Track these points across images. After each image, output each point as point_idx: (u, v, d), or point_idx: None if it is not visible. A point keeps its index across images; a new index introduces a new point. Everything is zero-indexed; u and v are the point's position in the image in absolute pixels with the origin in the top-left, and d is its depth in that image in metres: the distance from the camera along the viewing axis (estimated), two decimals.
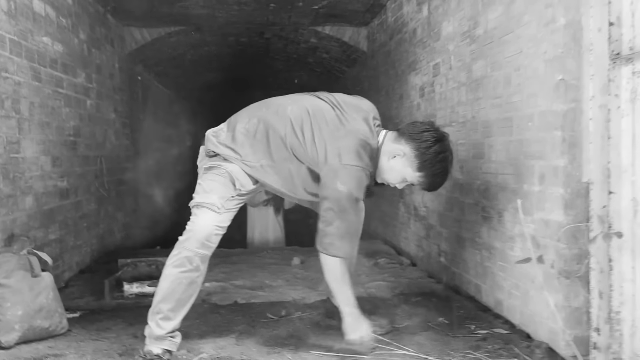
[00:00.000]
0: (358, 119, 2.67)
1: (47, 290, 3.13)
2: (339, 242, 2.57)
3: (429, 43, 4.44)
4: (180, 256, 2.57)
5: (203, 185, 2.69)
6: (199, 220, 2.60)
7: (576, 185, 2.54)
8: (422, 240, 4.76)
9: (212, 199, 2.61)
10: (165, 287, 2.59)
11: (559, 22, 2.55)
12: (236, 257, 5.67)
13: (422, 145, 2.58)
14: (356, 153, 2.56)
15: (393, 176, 2.72)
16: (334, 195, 2.54)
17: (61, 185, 4.35)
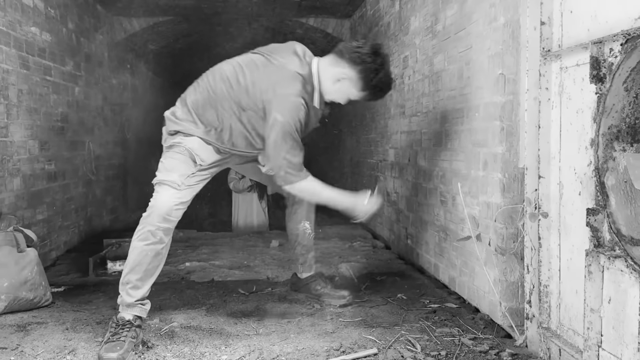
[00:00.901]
0: (287, 55, 2.92)
1: (31, 264, 3.37)
2: (293, 169, 2.81)
3: (399, 37, 4.67)
4: (144, 230, 2.78)
5: (165, 164, 2.87)
6: (160, 197, 2.80)
7: (513, 171, 2.78)
8: (394, 224, 5.01)
9: (172, 177, 2.81)
10: (132, 259, 2.80)
11: (499, 21, 2.77)
12: (219, 239, 5.91)
13: (364, 67, 2.84)
14: (287, 83, 2.81)
15: (339, 97, 3.01)
16: (275, 128, 2.76)
17: (49, 169, 4.58)
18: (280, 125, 2.76)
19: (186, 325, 3.05)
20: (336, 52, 2.94)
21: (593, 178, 2.14)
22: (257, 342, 2.78)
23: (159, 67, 9.29)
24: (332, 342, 2.75)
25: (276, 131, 2.77)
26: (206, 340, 2.81)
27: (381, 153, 5.47)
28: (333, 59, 2.94)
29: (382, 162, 5.44)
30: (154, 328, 3.00)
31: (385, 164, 5.28)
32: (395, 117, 4.87)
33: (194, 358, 2.59)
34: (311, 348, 2.68)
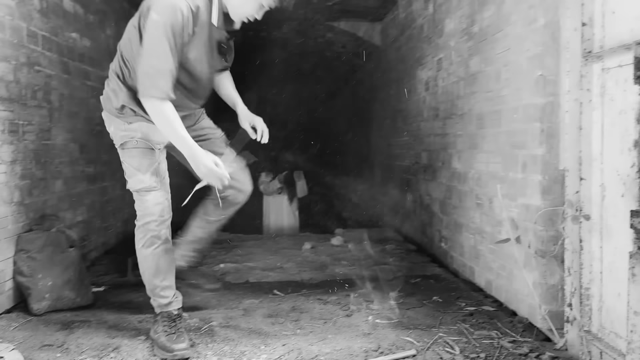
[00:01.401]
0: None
1: (74, 264, 3.46)
2: (155, 80, 2.52)
3: (433, 39, 4.66)
4: (147, 237, 2.80)
5: (130, 167, 2.79)
6: (147, 205, 2.79)
7: (553, 173, 2.76)
8: (427, 227, 5.00)
9: (145, 181, 2.77)
10: (149, 266, 2.83)
11: (539, 22, 2.76)
12: (252, 242, 5.97)
13: None
14: None
15: (250, 8, 2.68)
16: (149, 28, 2.49)
17: (88, 171, 4.69)
18: (155, 24, 2.48)
19: (225, 324, 3.09)
20: None
21: (637, 180, 2.12)
22: (295, 342, 2.81)
23: None
24: (370, 343, 2.76)
25: (150, 32, 2.50)
26: (245, 340, 2.85)
27: (413, 156, 5.47)
28: None
29: (414, 165, 5.43)
30: (194, 327, 3.05)
31: (418, 166, 5.27)
32: (429, 119, 4.86)
33: (234, 357, 2.63)
34: (349, 349, 2.70)
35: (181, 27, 2.53)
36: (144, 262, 2.86)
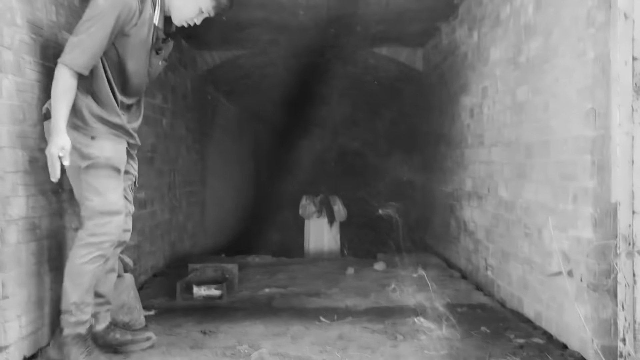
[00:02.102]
0: None
1: (128, 289, 3.57)
2: (76, 53, 2.65)
3: (478, 67, 4.69)
4: (95, 255, 2.83)
5: (95, 188, 2.82)
6: (109, 227, 2.83)
7: (605, 206, 2.74)
8: (471, 254, 4.97)
9: (116, 204, 2.86)
10: (85, 282, 2.84)
11: (589, 55, 2.77)
12: (294, 265, 6.03)
13: None
14: None
15: (189, 9, 2.89)
16: (91, 9, 2.68)
17: (140, 197, 4.85)
18: (97, 7, 2.68)
19: (274, 352, 3.15)
20: None
21: None
22: None
23: (234, 96, 9.63)
24: None
25: (90, 12, 2.69)
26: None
27: (457, 182, 5.46)
28: None
29: (458, 191, 5.42)
30: (243, 353, 3.12)
31: (462, 192, 5.26)
32: (473, 146, 4.87)
33: None
34: None
35: (122, 19, 2.71)
36: (81, 277, 2.85)
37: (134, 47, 2.85)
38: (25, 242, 2.94)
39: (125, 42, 2.82)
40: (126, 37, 2.81)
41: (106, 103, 2.86)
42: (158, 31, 2.95)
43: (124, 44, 2.82)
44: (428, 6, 5.26)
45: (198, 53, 7.05)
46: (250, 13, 5.39)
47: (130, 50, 2.85)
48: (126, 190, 3.18)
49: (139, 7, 2.77)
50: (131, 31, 2.80)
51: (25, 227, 2.94)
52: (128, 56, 2.86)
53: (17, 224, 2.86)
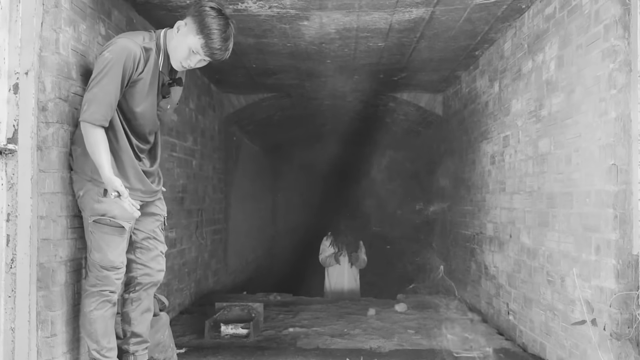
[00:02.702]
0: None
1: (164, 328, 3.70)
2: (94, 108, 2.77)
3: (499, 116, 4.86)
4: (100, 300, 2.97)
5: (99, 243, 2.95)
6: (110, 279, 2.98)
7: (627, 257, 2.86)
8: (493, 298, 5.06)
9: (114, 261, 2.97)
10: (98, 328, 2.97)
11: (610, 115, 2.93)
12: (316, 305, 6.13)
13: (198, 9, 2.90)
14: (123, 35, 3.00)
15: (181, 51, 2.94)
16: (99, 62, 2.82)
17: (171, 236, 5.02)
18: (105, 60, 2.81)
19: None
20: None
21: None
22: None
23: (256, 136, 9.88)
24: None
25: (99, 67, 2.81)
26: None
27: (477, 226, 5.58)
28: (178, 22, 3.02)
29: (478, 235, 5.54)
30: None
31: (483, 237, 5.38)
32: (495, 192, 5.01)
33: None
34: None
35: (129, 68, 2.85)
36: (93, 324, 2.97)
37: (141, 93, 2.99)
38: (73, 282, 3.11)
39: (133, 89, 2.96)
40: (133, 84, 2.95)
41: (124, 151, 3.01)
42: (163, 76, 3.07)
43: (131, 91, 2.97)
44: (449, 57, 5.47)
45: (226, 96, 7.32)
46: (280, 60, 5.64)
47: (138, 97, 2.99)
48: (155, 231, 3.33)
49: (143, 55, 2.91)
50: (138, 78, 2.94)
51: (73, 268, 3.11)
52: (136, 102, 3.00)
53: (66, 265, 3.03)
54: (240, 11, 4.10)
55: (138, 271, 3.21)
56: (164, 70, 3.08)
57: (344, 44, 5.03)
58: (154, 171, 3.28)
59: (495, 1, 3.93)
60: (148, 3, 3.91)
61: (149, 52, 2.97)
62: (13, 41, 2.77)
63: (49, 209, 2.91)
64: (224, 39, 2.91)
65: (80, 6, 3.19)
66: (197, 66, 3.08)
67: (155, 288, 3.36)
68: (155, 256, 3.31)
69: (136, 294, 3.24)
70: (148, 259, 3.27)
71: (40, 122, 2.90)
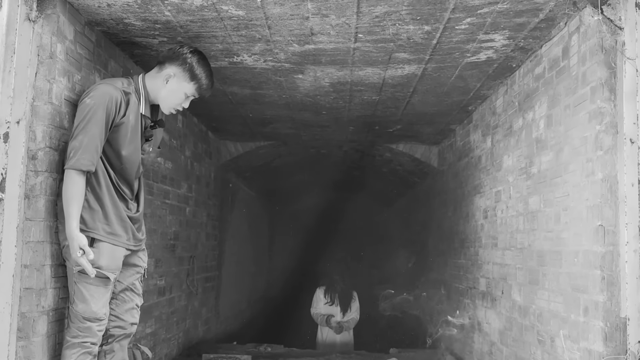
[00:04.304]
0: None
1: None
2: (80, 154, 2.81)
3: (491, 171, 4.89)
4: (81, 353, 2.91)
5: (82, 294, 2.93)
6: (92, 330, 2.94)
7: (615, 320, 2.82)
8: (485, 355, 4.97)
9: (97, 313, 2.94)
10: None
11: (597, 176, 2.95)
12: (307, 358, 6.02)
13: (183, 59, 3.10)
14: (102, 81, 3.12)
15: (176, 96, 3.15)
16: (81, 109, 2.89)
17: (160, 284, 4.98)
18: (87, 107, 2.88)
19: None
20: (157, 64, 3.20)
21: None
22: None
23: (253, 183, 9.91)
24: None
25: (82, 113, 2.88)
26: None
27: (471, 280, 5.53)
28: (155, 70, 3.19)
29: (471, 290, 5.48)
30: None
31: (476, 291, 5.32)
32: (487, 247, 4.98)
33: None
34: None
35: (112, 112, 2.93)
36: None
37: (124, 136, 3.04)
38: (54, 333, 3.06)
39: (117, 134, 3.02)
40: (117, 128, 3.01)
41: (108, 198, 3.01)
42: (145, 119, 3.19)
43: (115, 136, 3.02)
44: (443, 111, 5.54)
45: (223, 143, 7.38)
46: (276, 111, 5.70)
47: (121, 140, 3.04)
48: (135, 283, 3.29)
49: (123, 98, 3.01)
50: (120, 121, 3.01)
51: (55, 318, 3.07)
52: (121, 145, 3.04)
53: (48, 314, 2.99)
54: (236, 64, 4.17)
55: (111, 323, 3.15)
56: (146, 113, 3.19)
57: (339, 96, 5.10)
58: (139, 217, 3.28)
59: (485, 60, 4.01)
60: (145, 54, 3.98)
61: (128, 95, 3.06)
62: (6, 91, 2.80)
63: (33, 257, 2.89)
64: (212, 76, 3.23)
65: (75, 57, 3.25)
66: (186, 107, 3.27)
67: (129, 339, 3.30)
68: (129, 309, 3.26)
69: (109, 346, 3.17)
70: (122, 311, 3.22)
71: (29, 170, 2.91)
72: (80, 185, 2.85)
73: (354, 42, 3.69)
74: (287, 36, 3.61)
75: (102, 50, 3.61)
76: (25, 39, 2.89)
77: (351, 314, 7.28)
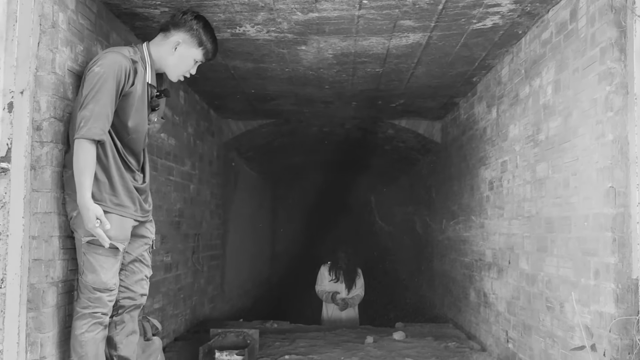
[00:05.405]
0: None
1: (156, 352, 3.63)
2: (91, 123, 2.76)
3: (497, 142, 4.86)
4: (91, 323, 2.91)
5: (92, 264, 2.91)
6: (103, 300, 2.94)
7: (626, 282, 2.82)
8: (491, 325, 4.98)
9: (107, 283, 2.94)
10: (90, 351, 2.90)
11: (607, 137, 2.92)
12: (312, 333, 6.04)
13: (190, 26, 3.09)
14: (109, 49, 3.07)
15: (185, 63, 3.15)
16: (90, 78, 2.83)
17: (166, 260, 4.97)
18: (96, 75, 2.83)
19: None
20: (160, 31, 3.16)
21: None
22: None
23: (255, 162, 9.88)
24: None
25: (91, 82, 2.82)
26: None
27: (477, 253, 5.53)
28: (160, 37, 3.15)
29: (477, 262, 5.48)
30: None
31: (482, 263, 5.32)
32: (493, 218, 4.97)
33: None
34: None
35: (122, 80, 2.89)
36: (84, 347, 2.91)
37: (132, 105, 3.00)
38: (64, 304, 3.05)
39: (125, 103, 2.97)
40: (125, 97, 2.96)
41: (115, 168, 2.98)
42: (151, 89, 3.15)
43: (123, 105, 2.97)
44: (447, 83, 5.50)
45: (225, 122, 7.34)
46: (278, 86, 5.66)
47: (129, 109, 2.99)
48: (143, 254, 3.29)
49: (131, 66, 2.96)
50: (129, 90, 2.97)
51: (65, 290, 3.06)
52: (128, 115, 3.00)
53: (57, 286, 2.98)
54: (238, 35, 4.13)
55: (120, 294, 3.13)
56: (152, 82, 3.15)
57: (342, 69, 5.05)
58: (146, 187, 3.25)
59: (491, 27, 3.96)
60: (147, 26, 3.94)
61: (135, 64, 3.02)
62: (9, 60, 2.76)
63: (41, 229, 2.87)
64: (216, 41, 3.24)
65: (78, 28, 3.20)
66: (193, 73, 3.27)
67: (139, 311, 3.30)
68: (139, 280, 3.25)
69: (119, 317, 3.17)
70: (132, 282, 3.21)
71: (34, 141, 2.88)
72: (92, 155, 2.80)
73: (358, 9, 3.64)
74: (290, 3, 3.56)
75: (104, 22, 3.57)
76: (27, 8, 2.83)
77: (356, 290, 7.31)
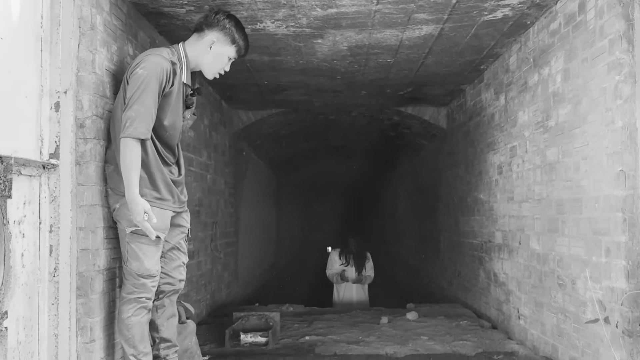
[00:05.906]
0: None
1: (191, 335, 3.84)
2: (137, 123, 2.92)
3: (506, 128, 5.05)
4: (137, 307, 3.12)
5: (136, 252, 3.10)
6: (146, 286, 3.14)
7: (637, 258, 3.02)
8: (502, 304, 5.20)
9: (150, 270, 3.13)
10: (136, 333, 3.11)
11: (617, 124, 3.11)
12: (329, 315, 6.26)
13: (223, 25, 3.22)
14: (149, 51, 3.20)
15: (220, 61, 3.30)
16: (135, 79, 2.98)
17: (189, 248, 5.14)
18: (140, 77, 2.97)
19: None
20: (194, 32, 3.30)
21: None
22: None
23: (262, 151, 10.06)
24: None
25: (136, 83, 2.96)
26: None
27: (486, 235, 5.74)
28: (195, 37, 3.28)
29: (487, 244, 5.69)
30: None
31: (491, 245, 5.53)
32: (502, 201, 5.17)
33: None
34: None
35: (163, 82, 3.04)
36: (131, 330, 3.11)
37: (170, 105, 3.16)
38: (109, 291, 3.26)
39: (164, 102, 3.13)
40: (165, 97, 3.12)
41: (154, 164, 3.15)
42: (186, 88, 3.29)
43: (162, 104, 3.12)
44: (455, 71, 5.67)
45: (235, 112, 7.51)
46: (291, 77, 5.82)
47: (167, 108, 3.15)
48: (180, 242, 3.50)
49: (171, 68, 3.10)
50: (169, 91, 3.12)
51: (109, 277, 3.26)
52: (166, 114, 3.15)
53: (103, 273, 3.18)
54: (258, 30, 4.28)
55: (161, 280, 3.33)
56: (187, 82, 3.30)
57: (355, 60, 5.22)
58: (182, 180, 3.45)
59: (501, 18, 4.13)
60: (171, 24, 4.09)
61: (174, 65, 3.16)
62: (54, 62, 2.94)
63: (88, 220, 3.07)
64: (247, 38, 3.37)
65: (112, 28, 3.37)
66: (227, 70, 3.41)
67: (177, 295, 3.50)
68: (177, 266, 3.46)
69: (160, 302, 3.37)
70: (171, 268, 3.41)
71: (78, 138, 3.06)
72: (138, 153, 2.97)
73: (375, 4, 3.81)
74: (311, 0, 3.72)
75: (133, 21, 3.73)
76: (67, 11, 3.00)
77: (366, 272, 7.54)
